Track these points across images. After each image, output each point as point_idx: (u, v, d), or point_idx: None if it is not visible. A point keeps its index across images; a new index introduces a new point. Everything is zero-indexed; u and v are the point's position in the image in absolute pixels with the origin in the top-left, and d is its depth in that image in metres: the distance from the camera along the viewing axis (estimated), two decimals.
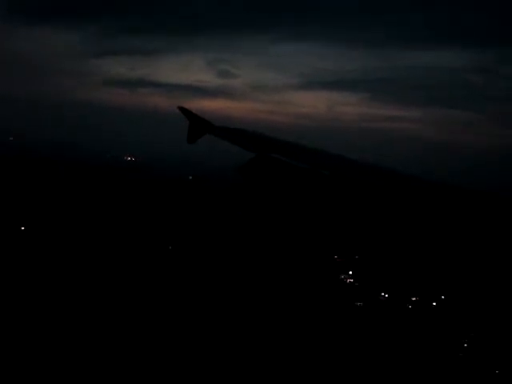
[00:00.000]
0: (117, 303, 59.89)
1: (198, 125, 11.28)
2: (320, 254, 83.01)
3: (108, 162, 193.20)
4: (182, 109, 11.65)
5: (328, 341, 56.15)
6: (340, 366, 51.76)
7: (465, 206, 5.50)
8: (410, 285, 71.05)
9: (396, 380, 50.69)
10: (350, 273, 77.78)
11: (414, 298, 68.73)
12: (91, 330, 52.53)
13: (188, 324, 56.70)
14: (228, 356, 50.76)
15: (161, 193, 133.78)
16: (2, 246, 73.28)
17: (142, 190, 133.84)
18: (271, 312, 61.88)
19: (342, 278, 77.26)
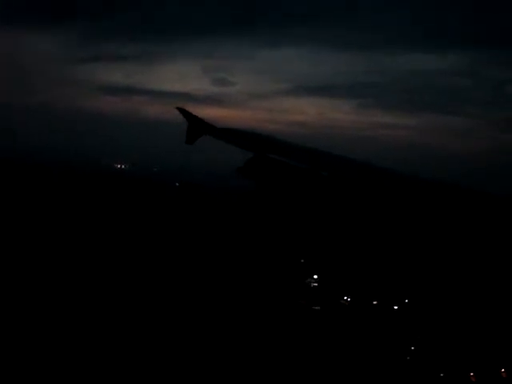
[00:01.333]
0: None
1: (196, 126, 11.22)
2: (287, 258, 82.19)
3: (100, 169, 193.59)
4: (180, 110, 11.54)
5: (279, 344, 55.23)
6: (287, 368, 50.88)
7: (467, 205, 5.29)
8: (373, 288, 70.07)
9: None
10: (315, 277, 76.79)
11: (375, 302, 67.61)
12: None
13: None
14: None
15: (147, 199, 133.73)
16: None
17: (129, 197, 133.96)
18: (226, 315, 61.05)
19: (307, 281, 76.33)
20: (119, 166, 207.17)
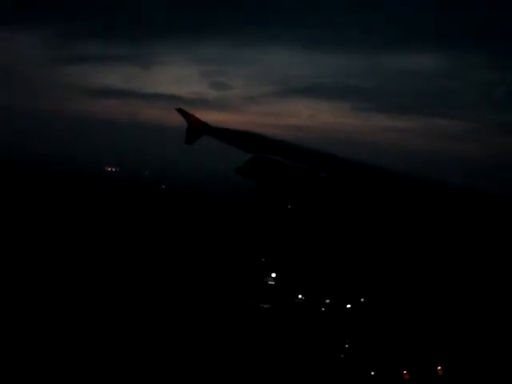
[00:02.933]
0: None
1: (195, 126, 11.45)
2: (248, 257, 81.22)
3: (89, 172, 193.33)
4: (180, 110, 11.79)
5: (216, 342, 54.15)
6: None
7: (468, 205, 5.39)
8: (328, 287, 68.86)
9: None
10: (273, 275, 75.69)
11: (327, 301, 66.32)
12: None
13: None
14: None
15: (132, 201, 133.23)
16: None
17: (114, 199, 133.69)
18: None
19: (265, 280, 75.22)
20: (110, 169, 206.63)
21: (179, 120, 11.89)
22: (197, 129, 11.40)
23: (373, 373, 47.67)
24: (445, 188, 5.88)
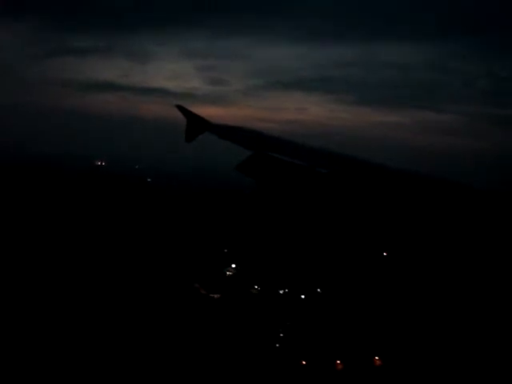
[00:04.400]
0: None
1: (195, 123, 11.44)
2: (210, 247, 79.75)
3: (80, 166, 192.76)
4: (179, 107, 11.82)
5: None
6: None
7: (475, 203, 5.47)
8: (284, 278, 67.21)
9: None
10: (233, 266, 74.12)
11: (281, 291, 64.62)
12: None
13: None
14: None
15: (119, 194, 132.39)
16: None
17: (100, 192, 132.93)
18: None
19: (224, 271, 73.68)
20: (100, 163, 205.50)
21: (174, 115, 11.68)
22: (196, 126, 11.22)
23: (304, 362, 45.90)
24: (443, 184, 5.94)
